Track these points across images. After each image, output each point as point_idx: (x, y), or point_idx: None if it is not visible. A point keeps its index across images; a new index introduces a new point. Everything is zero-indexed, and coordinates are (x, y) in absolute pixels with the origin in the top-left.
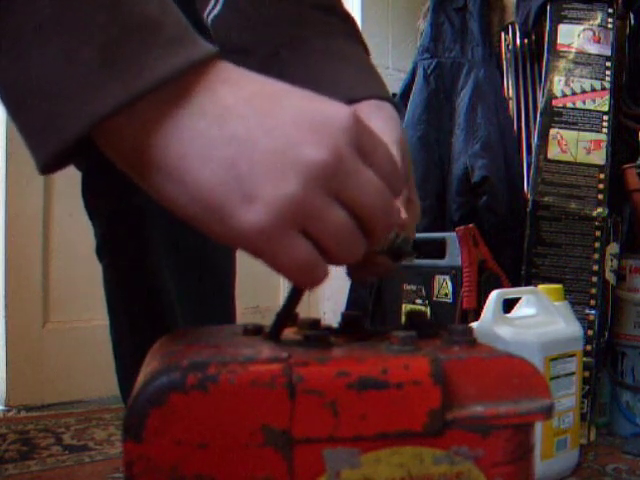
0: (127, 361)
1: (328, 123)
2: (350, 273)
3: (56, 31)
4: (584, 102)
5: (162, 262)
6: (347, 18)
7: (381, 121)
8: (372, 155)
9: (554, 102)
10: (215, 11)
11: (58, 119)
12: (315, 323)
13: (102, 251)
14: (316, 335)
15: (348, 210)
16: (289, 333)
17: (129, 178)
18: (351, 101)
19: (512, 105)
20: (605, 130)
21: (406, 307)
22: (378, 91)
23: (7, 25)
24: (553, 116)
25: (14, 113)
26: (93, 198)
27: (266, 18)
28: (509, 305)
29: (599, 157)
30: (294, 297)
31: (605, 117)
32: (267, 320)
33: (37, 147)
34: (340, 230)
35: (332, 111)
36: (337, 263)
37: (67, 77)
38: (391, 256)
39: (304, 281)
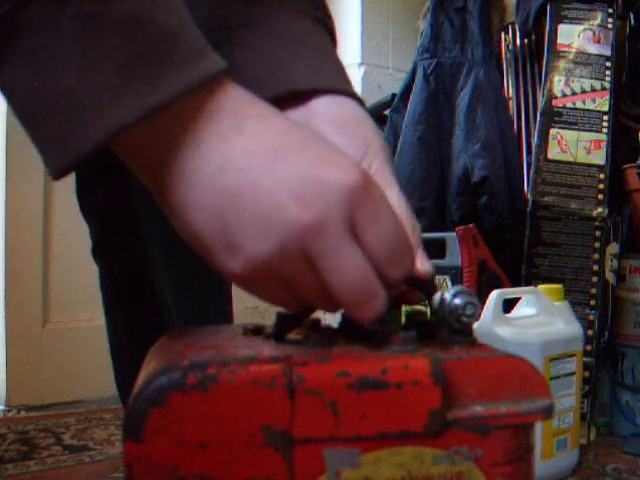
0: (124, 361)
1: (321, 191)
2: None
3: (76, 47)
4: (584, 102)
5: (158, 262)
6: None
7: (352, 123)
8: (367, 231)
9: (554, 102)
10: None
11: (76, 130)
12: (315, 323)
13: (97, 252)
14: (316, 335)
15: (321, 281)
16: (289, 333)
17: (122, 178)
18: (301, 92)
19: (512, 105)
20: (605, 130)
21: (406, 307)
22: (337, 84)
23: (27, 40)
24: (553, 116)
25: (29, 123)
26: (87, 198)
27: None
28: (509, 305)
29: (599, 157)
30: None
31: (605, 117)
32: (267, 320)
33: (54, 157)
34: (313, 294)
35: (332, 179)
36: None
37: (86, 91)
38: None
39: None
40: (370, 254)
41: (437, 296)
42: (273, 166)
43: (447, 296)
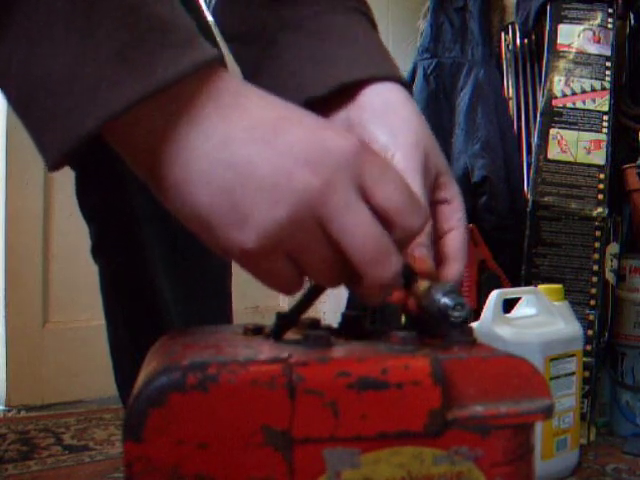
0: (124, 361)
1: (326, 155)
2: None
3: (71, 30)
4: (584, 102)
5: (158, 262)
6: None
7: (394, 114)
8: (375, 188)
9: (554, 102)
10: (213, 1)
11: (72, 115)
12: (315, 323)
13: (97, 252)
14: (316, 335)
15: (334, 247)
16: (289, 333)
17: (121, 178)
18: (353, 84)
19: (512, 105)
20: (605, 130)
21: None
22: (384, 70)
23: (20, 24)
24: (553, 116)
25: (23, 111)
26: (87, 198)
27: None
28: (509, 305)
29: (599, 157)
30: (309, 299)
31: (605, 117)
32: (267, 320)
33: (49, 145)
34: (323, 264)
35: (334, 143)
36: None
37: (81, 75)
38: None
39: (283, 293)
40: (381, 212)
41: (424, 288)
42: (276, 137)
43: (435, 293)
